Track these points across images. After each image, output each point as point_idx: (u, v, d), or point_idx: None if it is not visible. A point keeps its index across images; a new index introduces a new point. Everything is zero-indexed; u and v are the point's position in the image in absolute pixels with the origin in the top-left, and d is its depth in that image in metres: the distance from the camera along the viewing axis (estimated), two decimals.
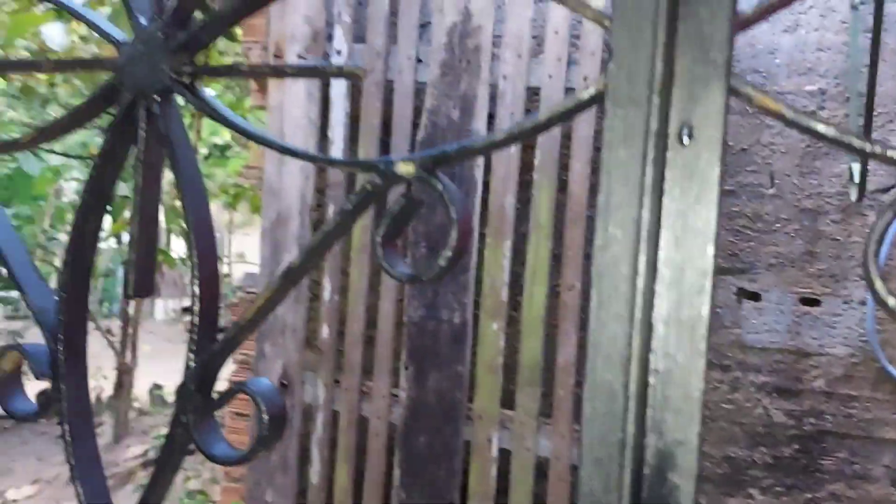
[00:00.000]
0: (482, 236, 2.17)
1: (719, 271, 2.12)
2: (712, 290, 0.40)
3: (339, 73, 0.48)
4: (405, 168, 0.46)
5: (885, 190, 2.00)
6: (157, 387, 4.91)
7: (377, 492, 2.23)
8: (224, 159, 5.87)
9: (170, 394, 4.80)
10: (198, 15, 0.55)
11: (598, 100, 0.42)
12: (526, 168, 2.17)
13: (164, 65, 0.53)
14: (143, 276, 0.55)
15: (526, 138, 0.46)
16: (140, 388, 4.81)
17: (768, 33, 2.06)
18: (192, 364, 0.51)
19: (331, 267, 2.31)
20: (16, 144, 0.59)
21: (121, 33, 0.56)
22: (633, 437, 0.39)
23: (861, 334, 2.01)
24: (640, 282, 0.40)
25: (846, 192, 2.01)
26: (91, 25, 0.56)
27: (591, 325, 0.41)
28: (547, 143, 2.09)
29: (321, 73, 0.51)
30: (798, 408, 2.05)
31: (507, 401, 2.11)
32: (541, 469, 2.06)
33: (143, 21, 0.54)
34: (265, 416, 0.49)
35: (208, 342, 0.52)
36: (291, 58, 2.31)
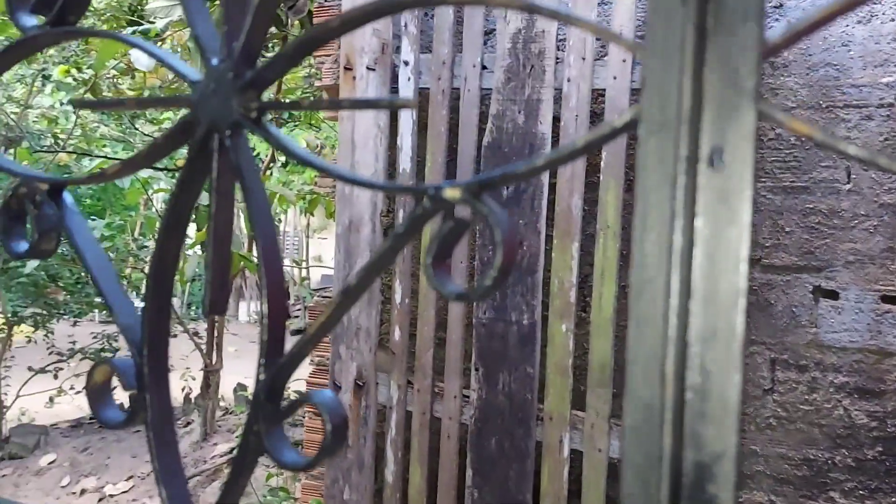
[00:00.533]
0: (549, 238, 2.18)
1: (794, 269, 2.07)
2: (746, 307, 0.41)
3: (391, 105, 0.52)
4: (452, 193, 0.49)
5: None
6: (242, 387, 5.09)
7: (450, 491, 2.27)
8: (301, 167, 6.05)
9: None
10: (273, 28, 0.59)
11: (632, 126, 0.44)
12: (592, 169, 2.17)
13: (234, 101, 0.57)
14: (218, 295, 0.59)
15: (563, 163, 0.48)
16: (226, 388, 5.01)
17: (841, 25, 1.99)
18: (262, 376, 0.55)
19: (401, 271, 2.37)
20: (102, 176, 0.64)
21: (195, 73, 0.61)
22: (670, 450, 0.41)
23: None
24: (674, 300, 0.41)
25: None
26: (168, 66, 0.61)
27: (629, 342, 0.43)
28: (613, 145, 2.09)
29: (374, 105, 0.54)
30: (881, 409, 1.98)
31: (578, 402, 2.11)
32: (613, 470, 2.05)
33: (213, 61, 0.59)
34: (328, 426, 0.53)
35: (276, 355, 0.56)
36: (361, 69, 2.37)
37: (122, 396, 0.63)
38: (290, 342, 0.57)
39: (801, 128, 0.41)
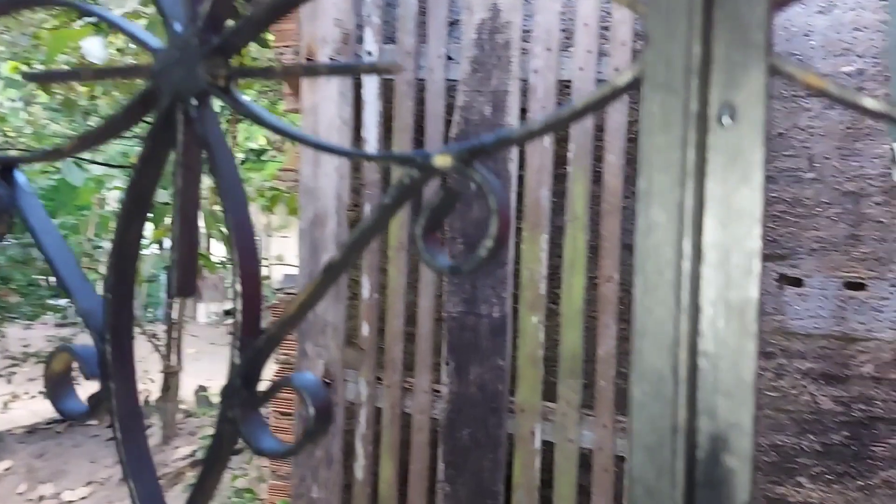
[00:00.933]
0: (519, 230, 2.16)
1: None
2: (761, 271, 0.39)
3: (374, 69, 0.48)
4: (442, 160, 0.46)
5: None
6: (203, 388, 4.99)
7: (422, 485, 2.24)
8: (260, 163, 5.93)
9: (215, 395, 4.89)
10: (232, 20, 0.55)
11: (634, 86, 0.41)
12: (560, 161, 2.16)
13: (200, 69, 0.54)
14: (185, 277, 0.55)
15: (562, 126, 0.45)
16: (186, 390, 4.90)
17: (803, 15, 2.01)
18: (237, 361, 0.52)
19: (369, 265, 2.33)
20: (59, 153, 0.60)
21: (156, 41, 0.57)
22: (684, 422, 0.39)
23: None
24: (686, 266, 0.39)
25: (889, 173, 1.96)
26: (127, 34, 0.57)
27: (636, 312, 0.40)
28: (580, 136, 2.08)
29: (355, 70, 0.51)
30: (846, 394, 2.00)
31: (549, 393, 2.10)
32: (584, 460, 2.04)
33: (177, 27, 0.55)
34: (311, 410, 0.49)
35: (252, 339, 0.52)
36: (323, 60, 2.33)
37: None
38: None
39: (815, 81, 0.39)
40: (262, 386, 0.55)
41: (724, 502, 0.38)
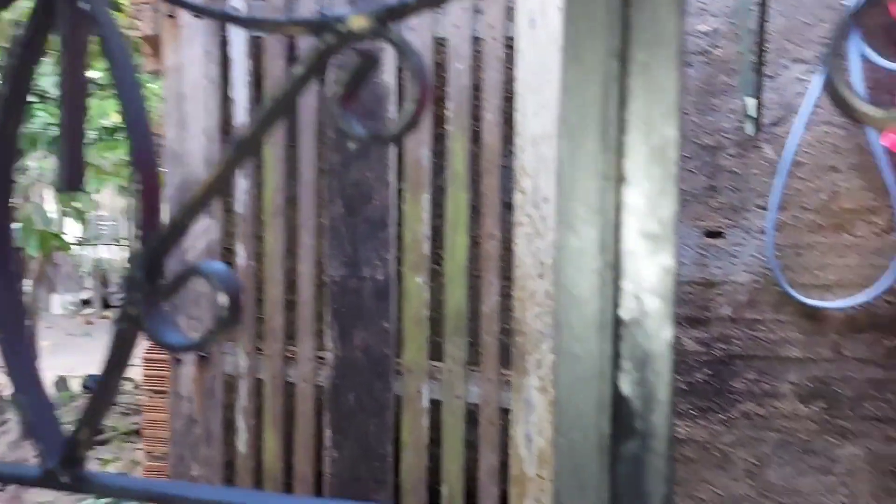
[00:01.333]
0: (400, 191, 2.16)
1: None
2: (679, 125, 0.40)
3: None
4: (358, 22, 0.44)
5: (777, 123, 2.11)
6: (63, 380, 4.67)
7: (308, 454, 2.20)
8: (113, 142, 5.57)
9: (76, 381, 4.59)
10: None
11: None
12: (439, 121, 2.16)
13: None
14: (73, 169, 0.51)
15: None
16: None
17: None
18: (139, 251, 0.48)
19: (243, 232, 2.25)
20: None
21: None
22: (610, 268, 0.40)
23: (762, 262, 2.12)
24: (612, 130, 0.40)
25: (742, 126, 2.11)
26: None
27: (560, 181, 0.41)
28: (458, 95, 2.09)
29: None
30: (707, 335, 2.15)
31: (435, 352, 2.12)
32: (471, 415, 2.08)
33: None
34: (223, 298, 0.47)
35: (153, 227, 0.49)
36: (186, 17, 2.21)
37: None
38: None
39: None
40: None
41: (649, 339, 0.40)
